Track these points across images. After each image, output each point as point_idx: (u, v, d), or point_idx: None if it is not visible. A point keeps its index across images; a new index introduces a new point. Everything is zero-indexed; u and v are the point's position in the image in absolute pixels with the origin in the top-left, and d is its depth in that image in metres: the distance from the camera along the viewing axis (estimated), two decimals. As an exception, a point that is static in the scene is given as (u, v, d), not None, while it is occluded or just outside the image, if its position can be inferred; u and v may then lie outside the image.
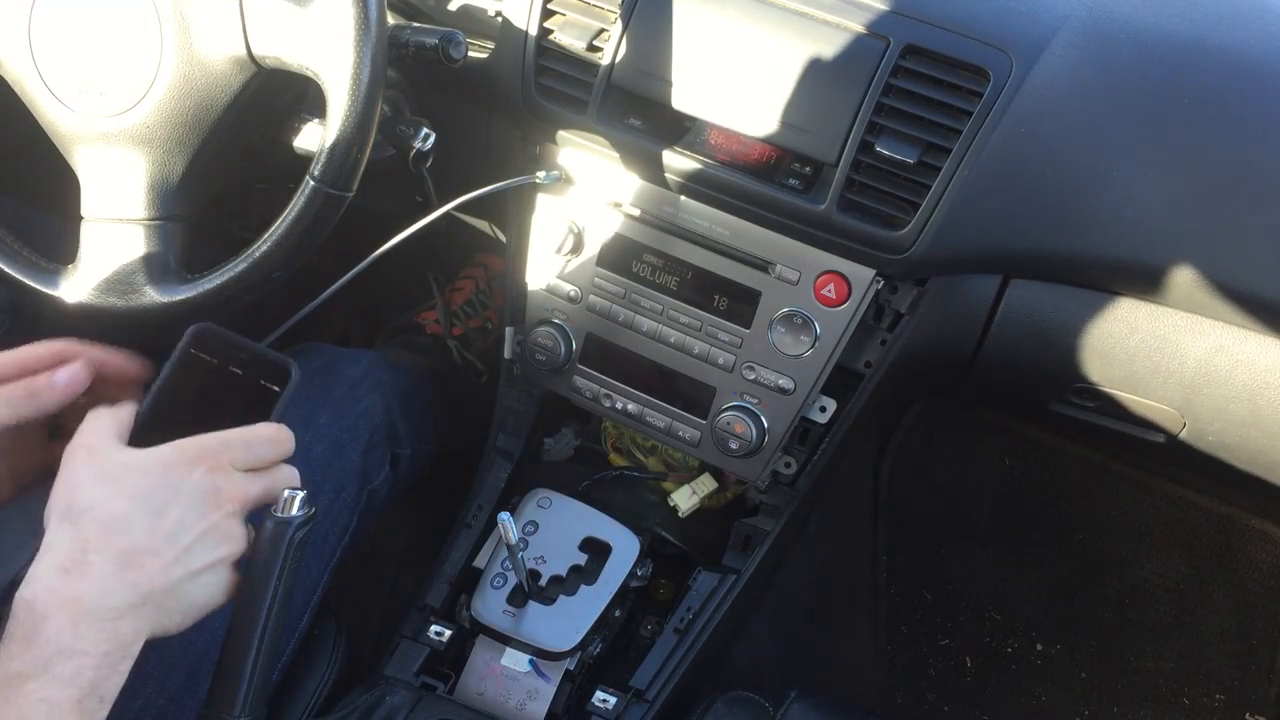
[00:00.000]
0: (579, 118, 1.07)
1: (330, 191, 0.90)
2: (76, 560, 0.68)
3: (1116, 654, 1.63)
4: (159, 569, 0.69)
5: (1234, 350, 1.01)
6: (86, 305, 0.96)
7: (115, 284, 0.96)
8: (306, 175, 0.90)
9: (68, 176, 0.97)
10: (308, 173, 0.90)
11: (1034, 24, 0.98)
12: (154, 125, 0.93)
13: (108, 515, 0.69)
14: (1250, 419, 1.04)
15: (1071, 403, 1.13)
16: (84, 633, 0.66)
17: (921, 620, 1.66)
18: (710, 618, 1.19)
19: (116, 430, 0.74)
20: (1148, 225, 0.96)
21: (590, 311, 1.16)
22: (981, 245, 1.00)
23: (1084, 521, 1.64)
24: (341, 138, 0.88)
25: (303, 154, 0.99)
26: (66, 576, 0.67)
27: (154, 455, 0.72)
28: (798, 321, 1.08)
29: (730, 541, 1.25)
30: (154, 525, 0.70)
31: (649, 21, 1.04)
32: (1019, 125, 0.95)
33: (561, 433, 1.35)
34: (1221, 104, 0.96)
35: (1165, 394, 1.06)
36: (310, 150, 0.98)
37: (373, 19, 0.87)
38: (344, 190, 0.90)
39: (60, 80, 0.94)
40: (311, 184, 0.90)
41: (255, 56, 0.91)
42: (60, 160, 0.97)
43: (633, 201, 1.12)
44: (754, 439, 1.11)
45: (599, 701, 1.12)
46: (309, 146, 0.99)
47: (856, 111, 0.98)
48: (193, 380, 0.79)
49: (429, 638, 1.15)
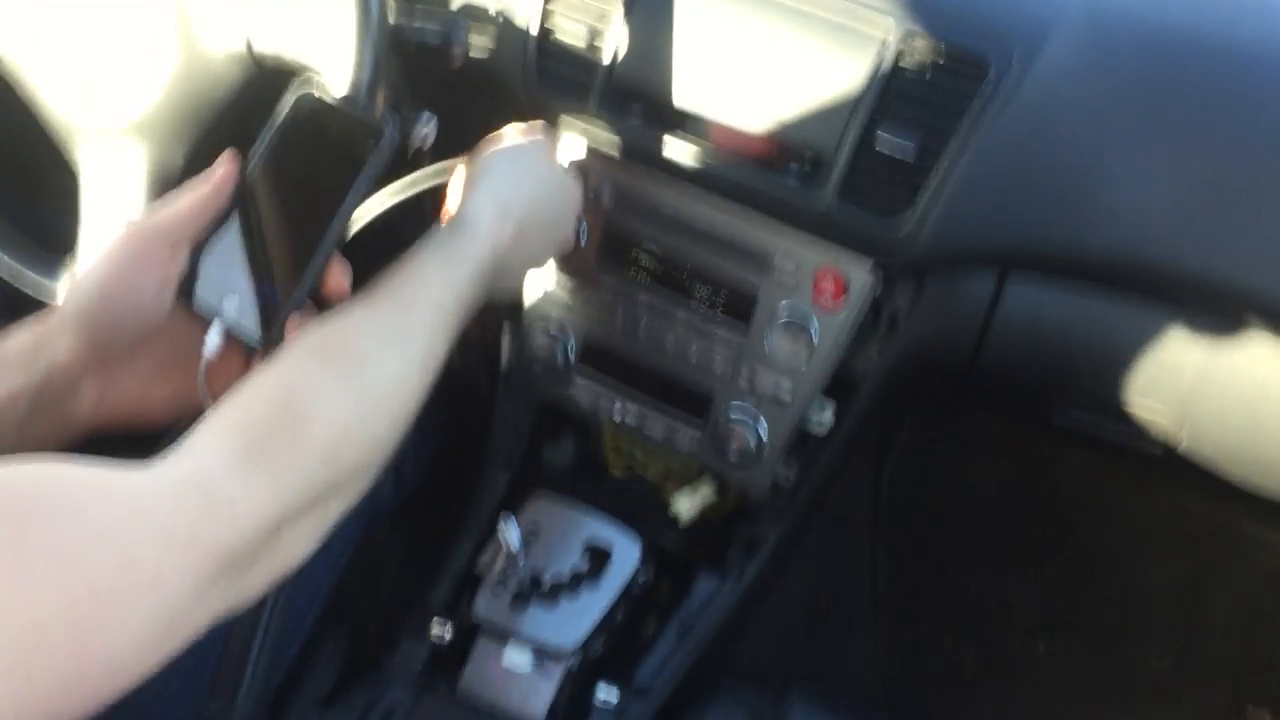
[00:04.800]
0: (580, 113, 1.08)
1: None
2: (504, 212, 0.88)
3: (1117, 654, 1.63)
4: (530, 246, 0.92)
5: (1233, 354, 1.01)
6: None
7: (116, 279, 0.95)
8: None
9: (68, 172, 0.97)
10: None
11: (1035, 15, 0.98)
12: (154, 121, 0.93)
13: (520, 190, 0.92)
14: (1250, 425, 1.04)
15: (1070, 407, 1.13)
16: (494, 263, 0.86)
17: (921, 620, 1.66)
18: (711, 618, 1.19)
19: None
20: (1147, 218, 0.97)
21: (589, 309, 1.16)
22: (981, 237, 1.00)
23: (1084, 526, 1.64)
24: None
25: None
26: (499, 221, 0.87)
27: (544, 151, 0.99)
28: (796, 325, 1.08)
29: (731, 544, 1.25)
30: (542, 209, 0.95)
31: (649, 16, 1.04)
32: (1020, 116, 0.95)
33: (561, 442, 1.35)
34: (1224, 98, 0.96)
35: (1164, 399, 1.06)
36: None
37: (373, 15, 0.87)
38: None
39: (61, 76, 0.94)
40: None
41: (255, 52, 0.91)
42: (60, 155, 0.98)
43: (632, 197, 1.12)
44: (753, 445, 1.11)
45: (600, 698, 1.12)
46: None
47: (856, 103, 0.98)
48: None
49: (431, 635, 1.15)
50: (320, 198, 0.78)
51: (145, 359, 0.79)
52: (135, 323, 0.77)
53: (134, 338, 0.77)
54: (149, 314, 0.77)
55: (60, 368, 0.75)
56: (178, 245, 0.77)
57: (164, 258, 0.77)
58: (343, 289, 0.80)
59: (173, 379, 0.80)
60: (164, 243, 0.77)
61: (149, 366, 0.79)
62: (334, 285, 0.80)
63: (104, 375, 0.77)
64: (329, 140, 0.79)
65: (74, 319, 0.75)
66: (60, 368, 0.75)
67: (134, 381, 0.79)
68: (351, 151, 0.78)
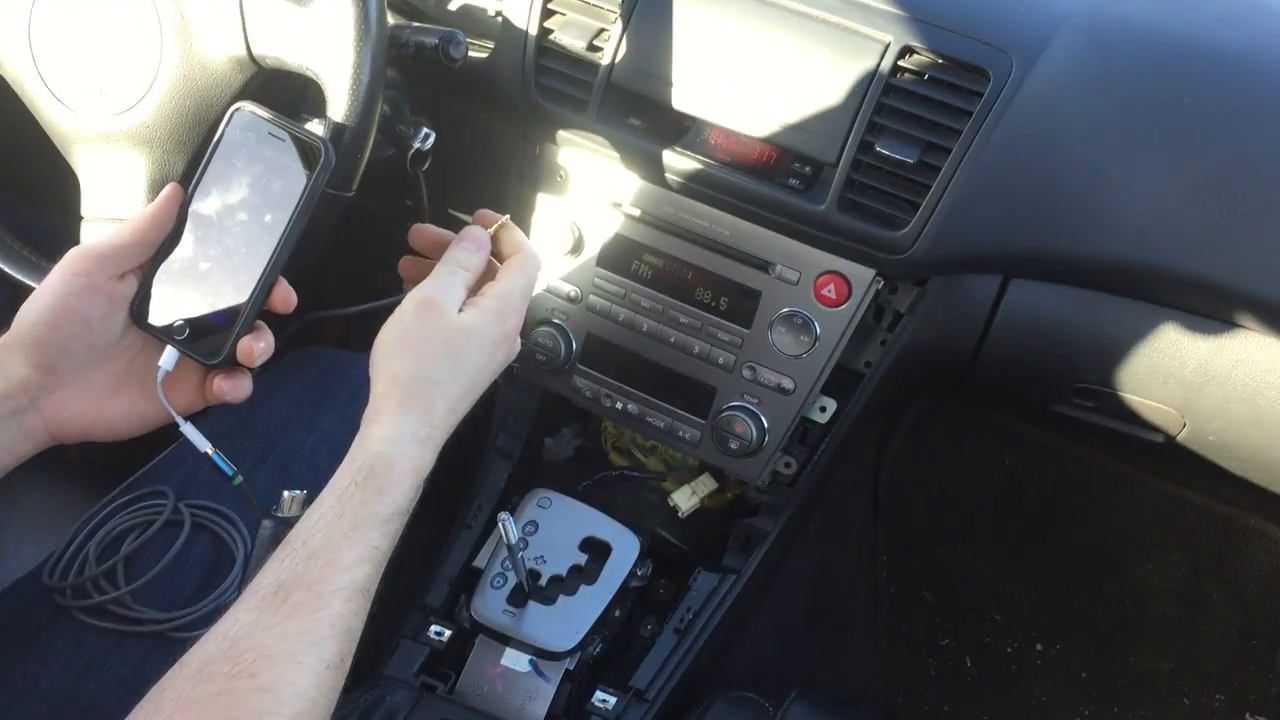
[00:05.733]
0: (579, 117, 1.07)
1: (330, 191, 0.90)
2: (429, 435, 0.78)
3: (1116, 654, 1.63)
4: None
5: (1234, 350, 1.01)
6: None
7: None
8: None
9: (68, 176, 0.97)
10: None
11: (1034, 24, 0.98)
12: (154, 125, 0.93)
13: (453, 395, 0.81)
14: (1250, 419, 1.04)
15: (1071, 402, 1.13)
16: (412, 499, 0.77)
17: (921, 620, 1.66)
18: (710, 618, 1.19)
19: (456, 300, 0.83)
20: (1147, 225, 0.96)
21: (590, 312, 1.16)
22: (981, 245, 1.00)
23: (1084, 521, 1.64)
24: (341, 138, 0.88)
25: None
26: (420, 447, 0.78)
27: (487, 332, 0.83)
28: (798, 322, 1.08)
29: (730, 542, 1.25)
30: (474, 390, 0.83)
31: (649, 21, 1.04)
32: (1019, 125, 0.95)
33: (561, 433, 1.35)
34: (1222, 104, 0.96)
35: (1165, 394, 1.06)
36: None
37: (373, 19, 0.87)
38: (343, 190, 0.90)
39: (60, 80, 0.94)
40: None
41: (255, 56, 0.91)
42: (60, 160, 0.97)
43: (633, 202, 1.11)
44: (754, 439, 1.11)
45: (599, 701, 1.12)
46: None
47: (856, 111, 0.98)
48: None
49: (429, 638, 1.15)
50: (264, 217, 0.80)
51: (100, 376, 0.80)
52: (85, 345, 0.78)
53: (85, 359, 0.79)
54: (98, 337, 0.79)
55: (15, 384, 0.77)
56: (124, 270, 0.79)
57: (110, 283, 0.79)
58: (289, 304, 0.82)
59: (129, 393, 0.82)
60: (109, 268, 0.79)
61: (104, 383, 0.81)
62: (280, 300, 0.81)
63: (59, 392, 0.79)
64: (269, 160, 0.80)
65: (23, 344, 0.77)
66: (15, 384, 0.77)
67: (90, 397, 0.80)
68: (292, 170, 0.80)
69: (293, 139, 0.80)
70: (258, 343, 0.80)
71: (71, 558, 1.02)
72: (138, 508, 1.07)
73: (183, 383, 0.82)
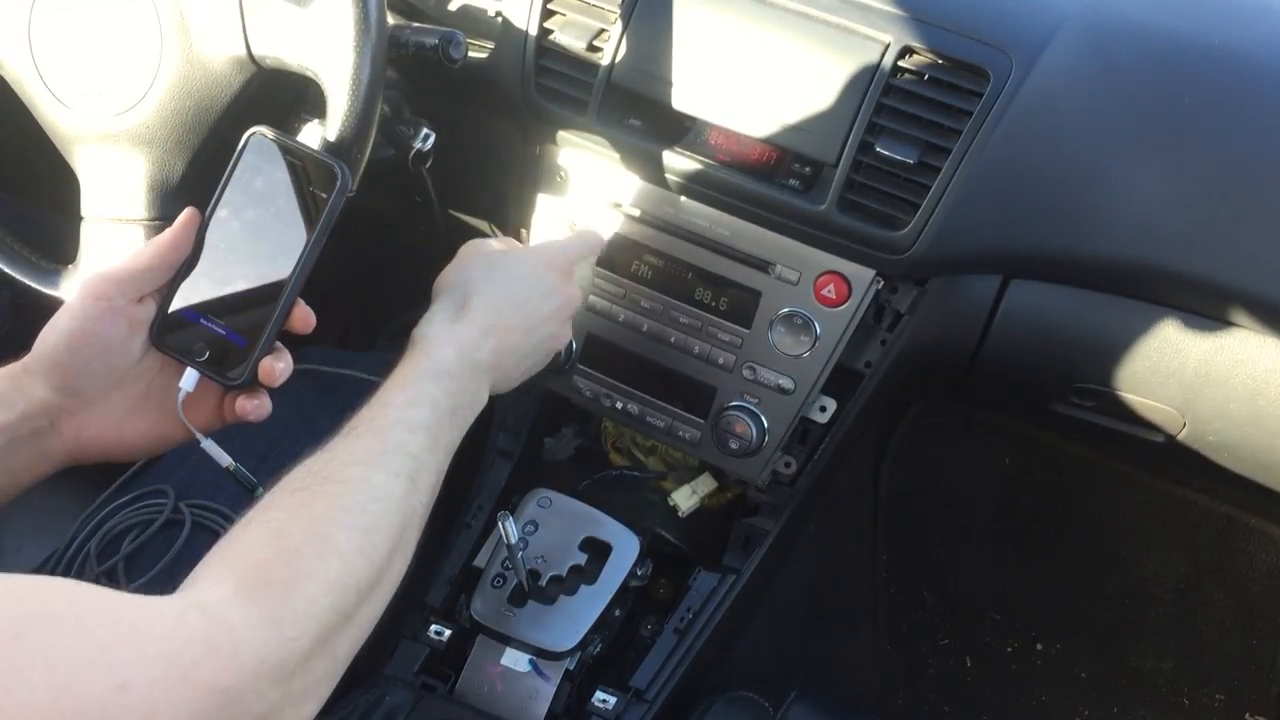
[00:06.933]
0: (579, 118, 1.07)
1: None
2: (461, 317, 0.89)
3: (1116, 654, 1.63)
4: (510, 343, 0.92)
5: (1234, 350, 1.01)
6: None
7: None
8: None
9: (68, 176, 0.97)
10: None
11: (1034, 24, 0.98)
12: (154, 125, 0.93)
13: (485, 291, 0.91)
14: (1250, 418, 1.04)
15: (1072, 402, 1.13)
16: (457, 367, 0.85)
17: (921, 620, 1.66)
18: (710, 618, 1.19)
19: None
20: (1147, 225, 0.96)
21: (590, 312, 1.16)
22: (981, 245, 1.00)
23: (1084, 520, 1.64)
24: (341, 138, 0.88)
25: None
26: (453, 324, 0.88)
27: (526, 255, 0.98)
28: (798, 322, 1.08)
29: (730, 541, 1.25)
30: (516, 309, 0.92)
31: (649, 21, 1.04)
32: (1019, 125, 0.95)
33: (561, 432, 1.35)
34: (1221, 103, 0.96)
35: (1165, 394, 1.06)
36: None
37: (372, 19, 0.87)
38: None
39: (60, 80, 0.94)
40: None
41: (255, 56, 0.91)
42: (60, 160, 0.97)
43: (633, 202, 1.11)
44: (754, 438, 1.11)
45: (599, 702, 1.12)
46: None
47: (856, 111, 0.98)
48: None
49: (429, 637, 1.15)
50: (282, 239, 0.80)
51: (120, 397, 0.81)
52: (105, 367, 0.79)
53: (105, 381, 0.80)
54: (118, 360, 0.79)
55: (36, 406, 0.78)
56: (143, 293, 0.80)
57: (129, 307, 0.79)
58: (309, 324, 0.83)
59: (149, 414, 0.82)
60: (128, 293, 0.79)
61: (125, 404, 0.81)
62: (300, 321, 0.82)
63: (80, 414, 0.80)
64: (285, 183, 0.81)
65: (44, 367, 0.78)
66: (36, 406, 0.78)
67: (110, 418, 0.81)
68: (309, 192, 0.80)
69: (309, 162, 0.81)
70: (278, 363, 0.81)
71: (72, 557, 1.03)
72: (138, 507, 1.07)
73: (202, 402, 0.83)
